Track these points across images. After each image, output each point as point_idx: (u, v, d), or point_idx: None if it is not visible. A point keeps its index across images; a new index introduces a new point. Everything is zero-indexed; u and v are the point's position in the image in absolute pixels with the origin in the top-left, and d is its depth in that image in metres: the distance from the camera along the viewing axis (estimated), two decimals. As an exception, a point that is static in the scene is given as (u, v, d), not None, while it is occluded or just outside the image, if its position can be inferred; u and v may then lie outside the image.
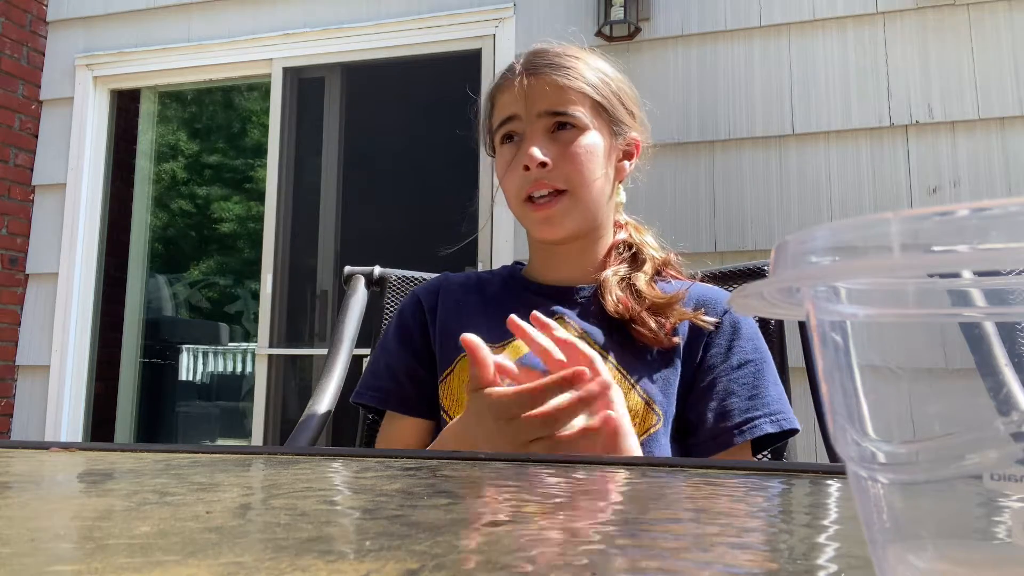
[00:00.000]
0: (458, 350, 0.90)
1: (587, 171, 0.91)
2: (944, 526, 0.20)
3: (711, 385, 0.87)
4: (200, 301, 8.36)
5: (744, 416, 0.85)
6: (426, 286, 1.02)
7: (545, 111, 0.91)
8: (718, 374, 0.88)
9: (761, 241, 2.72)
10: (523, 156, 0.90)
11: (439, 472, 0.50)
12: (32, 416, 3.50)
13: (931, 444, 0.19)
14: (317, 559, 0.25)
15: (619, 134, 0.96)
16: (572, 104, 0.91)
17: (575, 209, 0.92)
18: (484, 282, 1.02)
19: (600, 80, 0.94)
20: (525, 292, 0.98)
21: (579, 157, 0.91)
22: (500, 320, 0.94)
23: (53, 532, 0.31)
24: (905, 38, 2.69)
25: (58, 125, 3.66)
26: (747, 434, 0.84)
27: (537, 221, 0.93)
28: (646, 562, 0.27)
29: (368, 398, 0.97)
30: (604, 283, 0.93)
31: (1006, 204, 0.16)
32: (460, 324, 0.94)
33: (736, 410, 0.85)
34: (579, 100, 0.92)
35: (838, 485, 0.46)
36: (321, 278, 3.55)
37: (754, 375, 0.88)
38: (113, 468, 0.52)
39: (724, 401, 0.86)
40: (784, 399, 0.88)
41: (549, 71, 0.92)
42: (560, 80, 0.91)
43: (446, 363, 0.93)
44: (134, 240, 4.02)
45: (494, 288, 1.00)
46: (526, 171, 0.90)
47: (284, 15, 3.44)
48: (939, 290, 0.20)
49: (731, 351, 0.89)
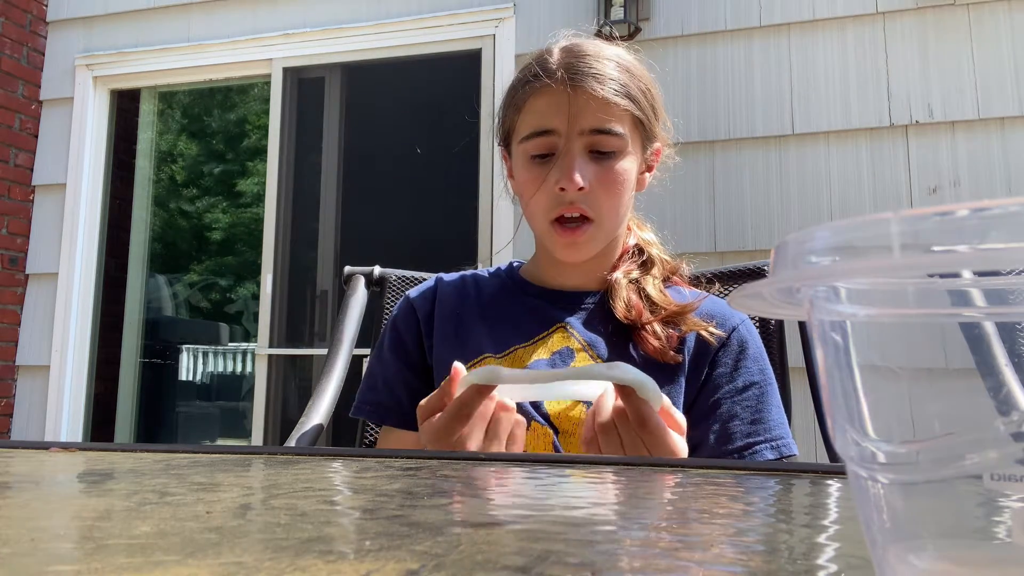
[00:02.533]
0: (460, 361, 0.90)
1: (619, 202, 0.89)
2: (944, 526, 0.20)
3: (715, 406, 0.86)
4: (200, 301, 8.36)
5: (745, 440, 0.84)
6: (420, 292, 1.00)
7: (588, 129, 0.86)
8: (722, 395, 0.87)
9: (761, 241, 2.72)
10: (563, 178, 0.85)
11: (439, 472, 0.50)
12: (32, 416, 3.50)
13: (931, 444, 0.19)
14: (317, 559, 0.25)
15: (648, 148, 0.93)
16: (615, 122, 0.87)
17: (599, 236, 0.90)
18: (480, 285, 0.99)
19: (640, 90, 0.89)
20: (526, 296, 0.96)
21: (614, 187, 0.87)
22: (501, 329, 0.92)
23: (53, 532, 0.31)
24: (905, 38, 2.69)
25: (58, 125, 3.66)
26: (747, 459, 0.83)
27: (562, 245, 0.89)
28: (646, 562, 0.27)
29: (366, 413, 0.96)
30: (615, 286, 0.91)
31: (1006, 204, 0.16)
32: (459, 336, 0.93)
33: (738, 434, 0.85)
34: (621, 117, 0.87)
35: (838, 485, 0.46)
36: (321, 278, 3.55)
37: (758, 398, 0.87)
38: (113, 468, 0.52)
39: (727, 424, 0.85)
40: (785, 423, 0.88)
41: (593, 82, 0.86)
42: (605, 94, 0.86)
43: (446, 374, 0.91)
44: (134, 240, 4.02)
45: (491, 291, 0.98)
46: (561, 192, 0.86)
47: (284, 15, 3.44)
48: (939, 290, 0.20)
49: (737, 371, 0.88)
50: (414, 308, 0.98)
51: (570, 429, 0.83)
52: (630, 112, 0.88)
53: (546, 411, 0.84)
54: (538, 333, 0.91)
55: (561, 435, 0.83)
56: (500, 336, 0.91)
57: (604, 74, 0.87)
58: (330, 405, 1.16)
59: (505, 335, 0.91)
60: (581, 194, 0.86)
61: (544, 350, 0.89)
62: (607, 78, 0.86)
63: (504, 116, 0.95)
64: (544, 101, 0.87)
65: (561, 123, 0.86)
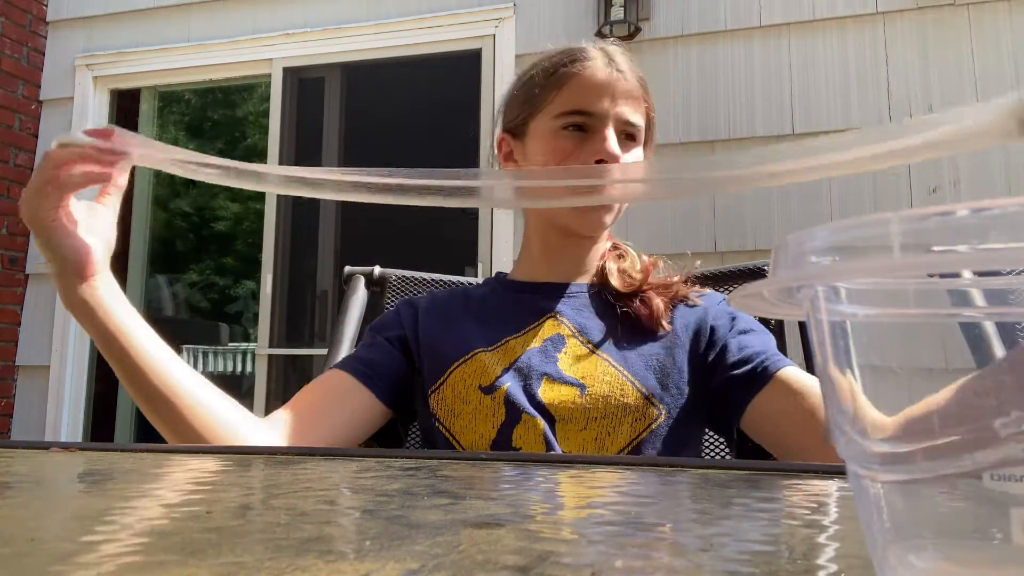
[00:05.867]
0: (448, 360, 0.90)
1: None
2: (944, 526, 0.20)
3: (724, 349, 0.89)
4: (200, 301, 8.36)
5: (766, 354, 0.86)
6: (407, 300, 1.01)
7: (624, 118, 0.92)
8: (728, 338, 0.89)
9: (761, 241, 2.72)
10: (600, 149, 0.89)
11: (439, 472, 0.50)
12: (32, 416, 3.50)
13: (931, 444, 0.19)
14: (317, 559, 0.25)
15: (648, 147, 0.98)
16: (639, 114, 0.94)
17: (615, 209, 0.94)
18: (469, 292, 1.01)
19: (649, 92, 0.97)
20: (516, 293, 0.98)
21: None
22: (490, 323, 0.94)
23: (53, 532, 0.31)
24: (905, 38, 2.69)
25: (58, 125, 3.66)
26: (778, 364, 0.84)
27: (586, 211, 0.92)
28: (646, 562, 0.27)
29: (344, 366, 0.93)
30: (606, 270, 0.95)
31: (1006, 204, 0.16)
32: (448, 331, 0.94)
33: (755, 352, 0.87)
34: (643, 115, 0.94)
35: (838, 485, 0.46)
36: (321, 278, 3.55)
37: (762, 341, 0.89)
38: (113, 468, 0.52)
39: (742, 351, 0.87)
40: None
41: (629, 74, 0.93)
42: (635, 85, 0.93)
43: (437, 373, 0.91)
44: (134, 240, 4.02)
45: (481, 294, 1.00)
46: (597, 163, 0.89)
47: (284, 15, 3.45)
48: (939, 290, 0.20)
49: (735, 322, 0.91)
50: (399, 310, 0.99)
51: (566, 416, 0.84)
52: (649, 114, 0.95)
53: (541, 400, 0.84)
54: (529, 324, 0.92)
55: (558, 423, 0.84)
56: (492, 330, 0.93)
57: (632, 70, 0.94)
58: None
59: (497, 329, 0.93)
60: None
61: (536, 339, 0.90)
62: (635, 74, 0.94)
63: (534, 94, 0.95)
64: (591, 81, 0.92)
65: (604, 106, 0.91)
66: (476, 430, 0.85)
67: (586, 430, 0.83)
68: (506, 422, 0.84)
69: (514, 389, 0.85)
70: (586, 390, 0.84)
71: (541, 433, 0.83)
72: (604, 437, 0.83)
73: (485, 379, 0.87)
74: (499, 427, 0.84)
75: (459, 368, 0.89)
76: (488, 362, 0.88)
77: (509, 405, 0.84)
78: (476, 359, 0.89)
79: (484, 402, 0.86)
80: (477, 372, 0.88)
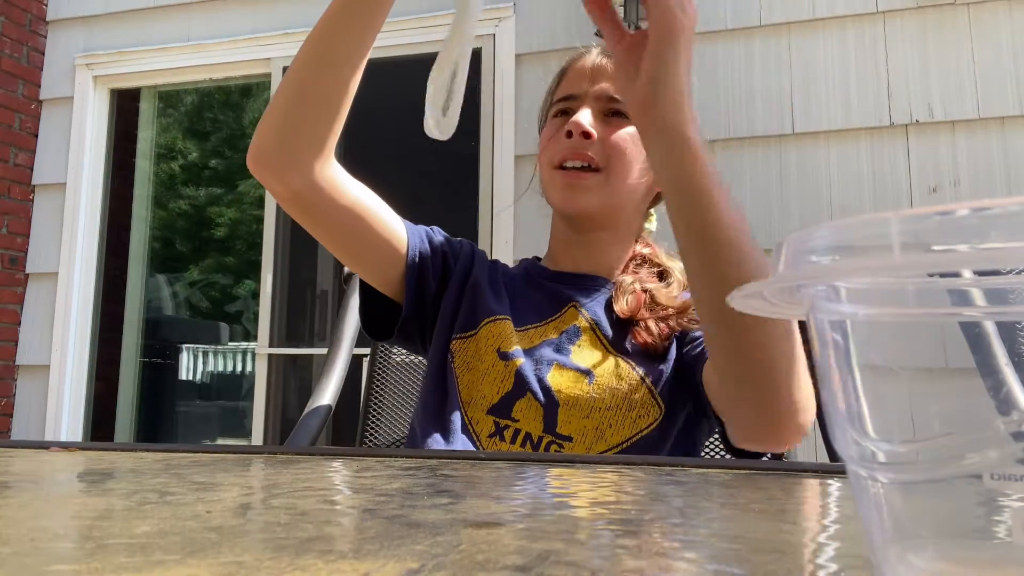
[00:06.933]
0: (485, 313, 0.91)
1: (627, 157, 0.92)
2: (944, 526, 0.20)
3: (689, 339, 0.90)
4: (200, 300, 8.36)
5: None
6: (469, 242, 1.03)
7: (605, 94, 0.93)
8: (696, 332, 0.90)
9: (761, 241, 2.70)
10: (570, 123, 0.91)
11: (439, 472, 0.50)
12: (32, 416, 3.50)
13: (931, 444, 0.19)
14: (317, 559, 0.25)
15: None
16: None
17: (603, 188, 0.92)
18: (504, 269, 1.03)
19: None
20: (543, 280, 0.99)
21: (624, 141, 0.92)
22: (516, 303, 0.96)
23: (53, 532, 0.31)
24: (905, 38, 2.68)
25: (58, 125, 3.66)
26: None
27: (561, 186, 0.92)
28: (646, 562, 0.27)
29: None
30: (620, 286, 0.95)
31: (1006, 204, 0.16)
32: (492, 288, 0.96)
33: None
34: None
35: (838, 485, 0.46)
36: (321, 278, 3.55)
37: None
38: (113, 468, 0.52)
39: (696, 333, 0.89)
40: None
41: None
42: None
43: (469, 324, 0.92)
44: (134, 240, 4.02)
45: (513, 274, 1.02)
46: (567, 138, 0.91)
47: (284, 15, 3.44)
48: (939, 290, 0.20)
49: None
50: (463, 243, 1.00)
51: (571, 402, 0.85)
52: None
53: (548, 384, 0.86)
54: (553, 314, 0.94)
55: (562, 407, 0.84)
56: (518, 312, 0.94)
57: None
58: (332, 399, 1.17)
59: (523, 312, 0.95)
60: (588, 142, 0.91)
61: (554, 329, 0.92)
62: None
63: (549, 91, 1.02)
64: (574, 71, 0.97)
65: (582, 87, 0.94)
66: (481, 390, 0.87)
67: (588, 418, 0.84)
68: (511, 392, 0.86)
69: (526, 367, 0.87)
70: (594, 379, 0.86)
71: (541, 413, 0.84)
72: (605, 428, 0.84)
73: (506, 345, 0.89)
74: (503, 395, 0.86)
75: (489, 325, 0.91)
76: (511, 333, 0.90)
77: (519, 378, 0.86)
78: (506, 323, 0.91)
79: (497, 366, 0.88)
80: (501, 336, 0.90)
